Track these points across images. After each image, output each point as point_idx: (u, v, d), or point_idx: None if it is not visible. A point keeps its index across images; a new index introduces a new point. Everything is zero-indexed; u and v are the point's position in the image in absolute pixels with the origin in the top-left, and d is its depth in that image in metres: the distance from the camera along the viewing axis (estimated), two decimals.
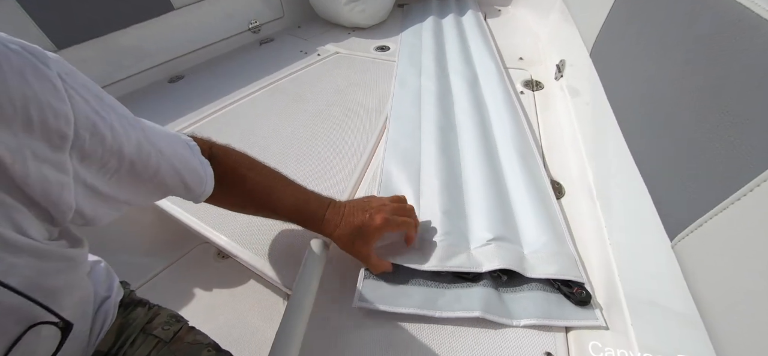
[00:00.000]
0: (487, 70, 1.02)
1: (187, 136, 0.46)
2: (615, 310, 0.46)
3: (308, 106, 0.98)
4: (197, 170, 0.43)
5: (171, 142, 0.40)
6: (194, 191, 0.43)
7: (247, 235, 0.63)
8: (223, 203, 0.51)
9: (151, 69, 1.18)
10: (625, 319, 0.43)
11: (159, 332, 0.49)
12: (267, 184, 0.50)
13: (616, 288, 0.47)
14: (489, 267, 0.51)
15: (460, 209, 0.63)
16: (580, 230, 0.58)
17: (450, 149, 0.77)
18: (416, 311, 0.48)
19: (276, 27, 1.49)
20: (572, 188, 0.66)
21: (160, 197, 0.42)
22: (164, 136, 0.39)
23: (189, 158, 0.42)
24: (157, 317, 0.51)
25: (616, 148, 0.50)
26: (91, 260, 0.49)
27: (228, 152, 0.50)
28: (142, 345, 0.47)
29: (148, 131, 0.36)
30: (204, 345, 0.50)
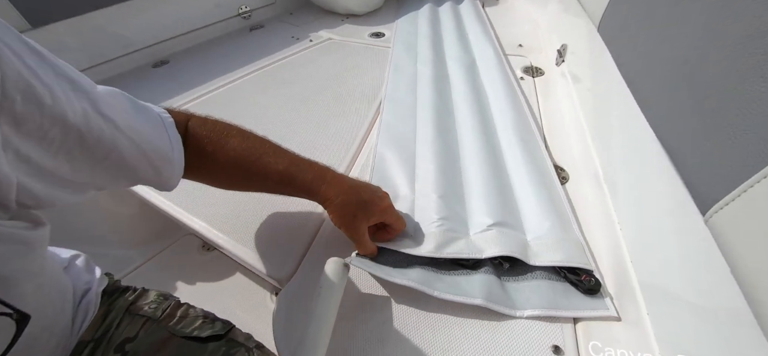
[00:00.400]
0: (485, 55, 0.99)
1: (161, 108, 0.42)
2: (627, 299, 0.42)
3: (298, 90, 0.94)
4: (164, 149, 0.39)
5: (134, 115, 0.36)
6: (162, 174, 0.39)
7: (234, 225, 0.58)
8: (205, 176, 0.47)
9: (134, 53, 1.12)
10: (640, 308, 0.40)
11: (146, 310, 0.47)
12: (254, 150, 0.45)
13: (629, 275, 0.43)
14: (490, 254, 0.48)
15: (458, 194, 0.59)
16: (586, 217, 0.54)
17: (447, 133, 0.73)
18: (412, 284, 0.44)
19: (267, 13, 1.44)
20: (576, 174, 0.62)
21: (129, 181, 0.37)
22: (125, 108, 0.35)
23: (155, 135, 0.38)
24: (143, 297, 0.49)
25: (629, 126, 0.46)
26: (69, 255, 0.47)
27: (206, 121, 0.45)
28: (129, 325, 0.45)
29: (101, 101, 0.31)
30: (199, 316, 0.48)
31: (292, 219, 0.59)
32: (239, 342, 0.47)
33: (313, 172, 0.46)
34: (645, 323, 0.39)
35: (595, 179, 0.58)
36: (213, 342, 0.46)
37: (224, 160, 0.44)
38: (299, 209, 0.60)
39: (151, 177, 0.39)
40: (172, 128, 0.41)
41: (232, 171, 0.46)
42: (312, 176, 0.46)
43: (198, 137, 0.44)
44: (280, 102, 0.89)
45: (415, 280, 0.45)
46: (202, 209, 0.61)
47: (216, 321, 0.49)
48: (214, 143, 0.44)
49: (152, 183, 0.40)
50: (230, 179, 0.48)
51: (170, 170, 0.40)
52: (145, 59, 1.14)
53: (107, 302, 0.46)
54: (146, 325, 0.45)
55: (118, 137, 0.32)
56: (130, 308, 0.47)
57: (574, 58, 0.85)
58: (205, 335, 0.46)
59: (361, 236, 0.46)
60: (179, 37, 1.21)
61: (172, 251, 0.99)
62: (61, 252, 0.47)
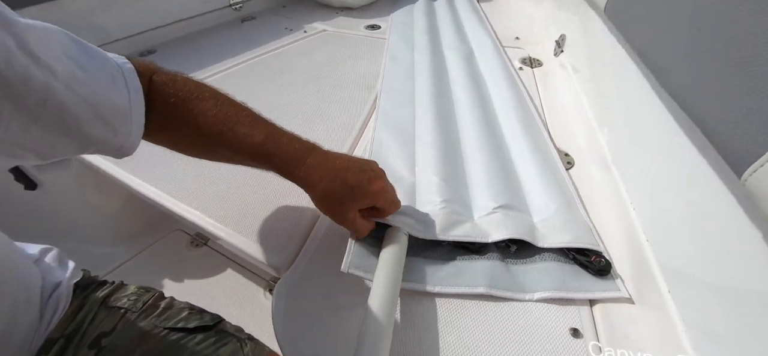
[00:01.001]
0: (483, 46, 0.98)
1: (121, 57, 0.35)
2: (645, 281, 0.40)
3: (293, 79, 0.91)
4: (118, 101, 0.32)
5: (78, 55, 0.29)
6: (117, 131, 0.32)
7: (227, 213, 0.55)
8: (168, 140, 0.40)
9: (120, 40, 1.07)
10: (661, 290, 0.38)
11: (124, 303, 0.43)
12: (227, 117, 0.38)
13: (646, 256, 0.41)
14: (497, 237, 0.46)
15: (461, 178, 0.57)
16: (594, 201, 0.53)
17: (447, 119, 0.71)
18: (414, 286, 0.42)
19: (259, 5, 1.41)
20: (581, 160, 0.61)
21: (76, 142, 0.30)
22: (65, 46, 0.28)
23: (107, 83, 0.31)
24: (121, 290, 0.46)
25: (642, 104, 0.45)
26: (40, 248, 0.43)
27: (175, 78, 0.38)
28: (105, 319, 0.41)
29: (29, 36, 0.25)
30: (185, 308, 0.45)
31: (291, 203, 0.56)
32: (230, 334, 0.44)
33: (294, 150, 0.40)
34: (667, 304, 0.37)
35: (602, 164, 0.57)
36: (201, 332, 0.42)
37: (193, 124, 0.37)
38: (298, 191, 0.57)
39: (103, 135, 0.31)
40: (133, 77, 0.34)
41: (200, 138, 0.39)
42: (291, 155, 0.39)
43: (163, 95, 0.36)
44: (275, 90, 0.86)
45: (417, 279, 0.43)
46: (193, 198, 0.58)
47: (204, 313, 0.46)
48: (182, 103, 0.37)
49: (106, 144, 0.32)
50: (196, 146, 0.41)
51: (128, 127, 0.33)
52: (131, 48, 1.09)
53: (81, 296, 0.43)
54: (125, 318, 0.42)
55: (52, 81, 0.26)
56: (105, 301, 0.43)
57: (574, 47, 0.84)
58: (191, 326, 0.43)
59: (350, 223, 0.41)
60: (167, 27, 1.16)
61: (159, 247, 0.94)
62: (29, 247, 0.43)
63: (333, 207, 0.40)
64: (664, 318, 0.37)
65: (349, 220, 0.40)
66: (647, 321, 0.38)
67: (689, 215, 0.38)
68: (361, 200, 0.40)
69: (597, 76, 0.69)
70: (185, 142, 0.41)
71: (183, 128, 0.38)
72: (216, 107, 0.38)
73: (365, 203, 0.40)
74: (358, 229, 0.42)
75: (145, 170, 0.63)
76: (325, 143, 0.69)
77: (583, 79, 0.75)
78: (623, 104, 0.55)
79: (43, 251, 0.43)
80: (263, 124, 0.41)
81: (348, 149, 0.67)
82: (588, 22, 0.73)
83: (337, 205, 0.40)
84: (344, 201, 0.39)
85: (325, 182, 0.39)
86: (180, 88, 0.38)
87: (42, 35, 0.26)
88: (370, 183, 0.40)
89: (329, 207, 0.41)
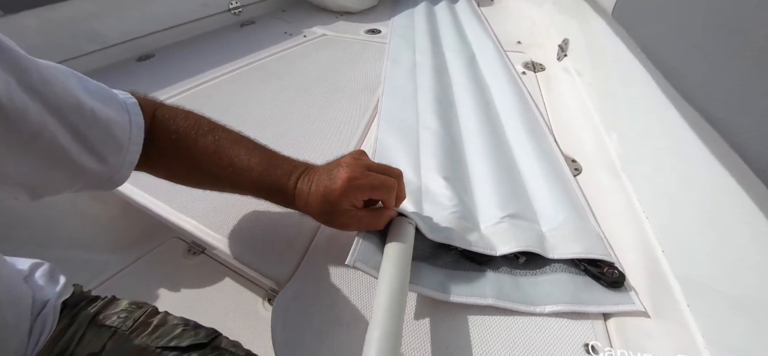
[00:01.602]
0: (485, 49, 0.97)
1: (125, 92, 0.37)
2: (661, 293, 0.39)
3: (292, 83, 0.89)
4: (118, 135, 0.33)
5: (77, 91, 0.30)
6: (107, 161, 0.33)
7: (226, 222, 0.53)
8: (171, 174, 0.42)
9: (118, 45, 1.05)
10: (678, 303, 0.36)
11: (114, 321, 0.41)
12: (226, 152, 0.39)
13: (661, 268, 0.40)
14: (505, 251, 0.44)
15: (465, 185, 0.56)
16: (603, 209, 0.51)
17: (450, 123, 0.69)
18: (424, 291, 0.40)
19: (258, 10, 1.40)
20: (589, 166, 0.59)
21: (66, 173, 0.30)
22: (67, 84, 0.29)
23: (107, 119, 0.32)
24: (112, 306, 0.44)
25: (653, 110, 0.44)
26: (31, 263, 0.42)
27: (177, 114, 0.40)
28: (94, 339, 0.39)
29: (33, 72, 0.26)
30: (179, 324, 0.43)
31: (292, 210, 0.54)
32: (226, 350, 0.42)
33: (287, 173, 0.39)
34: (686, 318, 0.35)
35: (610, 170, 0.55)
36: (195, 351, 0.41)
37: (192, 160, 0.39)
38: None
39: (95, 169, 0.32)
40: (136, 112, 0.36)
41: (200, 173, 0.40)
42: (284, 177, 0.39)
43: (166, 131, 0.38)
44: (275, 94, 0.85)
45: (429, 285, 0.41)
46: (190, 206, 0.56)
47: (199, 328, 0.44)
48: (183, 139, 0.38)
49: (94, 175, 0.33)
50: (195, 179, 0.42)
51: (120, 158, 0.34)
52: (129, 53, 1.08)
53: (69, 314, 0.41)
54: (114, 338, 0.40)
55: (48, 117, 0.27)
56: (94, 319, 0.41)
57: (578, 51, 0.83)
58: (185, 344, 0.40)
59: (353, 225, 0.39)
60: (166, 31, 1.15)
61: (155, 255, 0.92)
62: (20, 262, 0.41)
63: (331, 222, 0.39)
64: (683, 332, 0.35)
65: (347, 224, 0.38)
66: (665, 335, 0.36)
67: (708, 224, 0.36)
68: (339, 203, 0.36)
69: (604, 81, 0.67)
70: (185, 175, 0.42)
71: (183, 163, 0.39)
72: (215, 143, 0.39)
73: (346, 203, 0.37)
74: (365, 226, 0.39)
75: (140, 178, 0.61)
76: (326, 148, 0.68)
77: (589, 84, 0.74)
78: (633, 109, 0.53)
79: (34, 267, 0.41)
80: (260, 155, 0.40)
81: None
82: (592, 26, 0.72)
83: (330, 219, 0.38)
84: (330, 212, 0.37)
85: (310, 205, 0.38)
86: (181, 124, 0.39)
87: (45, 73, 0.27)
88: (336, 181, 0.36)
89: (330, 223, 0.39)
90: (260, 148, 0.42)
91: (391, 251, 0.37)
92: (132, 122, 0.35)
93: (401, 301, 0.32)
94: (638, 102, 0.51)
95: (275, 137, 0.69)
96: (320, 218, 0.39)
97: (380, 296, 0.31)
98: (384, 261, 0.36)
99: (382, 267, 0.35)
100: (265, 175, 0.39)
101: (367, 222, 0.39)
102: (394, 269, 0.34)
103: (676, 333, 0.36)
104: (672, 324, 0.36)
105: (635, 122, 0.53)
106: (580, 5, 0.81)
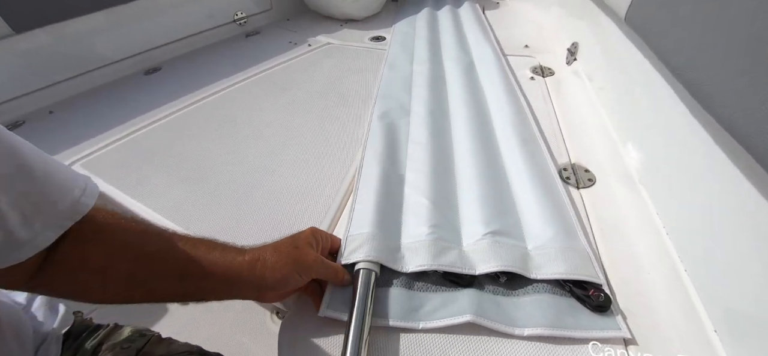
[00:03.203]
0: (484, 56, 0.95)
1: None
2: (683, 315, 0.37)
3: (297, 94, 0.89)
4: (52, 196, 0.28)
5: (26, 155, 0.27)
6: (33, 226, 0.27)
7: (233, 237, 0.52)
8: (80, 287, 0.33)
9: (125, 60, 1.07)
10: (704, 326, 0.34)
11: (117, 352, 0.41)
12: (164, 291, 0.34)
13: (684, 287, 0.38)
14: (484, 270, 0.42)
15: (451, 200, 0.54)
16: (620, 223, 0.49)
17: (441, 135, 0.68)
18: (394, 324, 0.39)
19: (263, 20, 1.40)
20: (604, 176, 0.57)
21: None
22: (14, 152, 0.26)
23: (53, 178, 0.28)
24: (114, 335, 0.43)
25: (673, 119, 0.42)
26: (25, 295, 0.41)
27: (130, 227, 0.33)
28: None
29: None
30: (184, 352, 0.42)
31: (297, 218, 0.54)
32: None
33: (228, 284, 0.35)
34: (713, 343, 0.33)
35: (627, 181, 0.53)
36: None
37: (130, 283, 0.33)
38: (306, 214, 0.54)
39: (12, 226, 0.26)
40: (92, 191, 0.31)
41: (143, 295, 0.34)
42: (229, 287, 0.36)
43: (109, 233, 0.32)
44: (280, 106, 0.84)
45: (398, 316, 0.39)
46: (194, 221, 0.55)
47: (205, 353, 0.43)
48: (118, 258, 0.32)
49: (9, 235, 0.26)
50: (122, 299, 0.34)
51: (45, 225, 0.28)
52: (137, 67, 1.09)
53: (73, 346, 0.40)
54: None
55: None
56: (96, 351, 0.40)
57: (588, 55, 0.81)
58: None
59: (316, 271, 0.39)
60: (172, 44, 1.16)
61: None
62: (17, 295, 0.40)
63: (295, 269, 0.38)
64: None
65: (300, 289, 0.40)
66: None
67: (734, 241, 0.34)
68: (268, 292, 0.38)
69: (617, 87, 0.65)
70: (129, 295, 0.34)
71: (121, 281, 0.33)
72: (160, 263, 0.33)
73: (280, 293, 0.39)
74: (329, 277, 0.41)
75: (140, 194, 0.61)
76: (331, 161, 0.68)
77: (601, 88, 0.72)
78: (652, 118, 0.51)
79: (30, 298, 0.41)
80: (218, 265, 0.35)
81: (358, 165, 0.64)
82: (604, 30, 0.70)
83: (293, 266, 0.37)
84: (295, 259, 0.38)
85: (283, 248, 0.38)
86: (120, 235, 0.33)
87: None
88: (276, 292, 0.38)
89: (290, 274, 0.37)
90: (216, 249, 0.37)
91: (356, 295, 0.39)
92: (86, 193, 0.31)
93: (364, 337, 0.36)
94: (658, 111, 0.49)
95: (278, 150, 0.69)
96: (284, 268, 0.36)
97: (347, 336, 0.36)
98: (351, 306, 0.38)
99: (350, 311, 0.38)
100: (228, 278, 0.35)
101: (311, 293, 0.41)
102: (356, 313, 0.37)
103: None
104: (699, 347, 0.34)
105: (654, 132, 0.50)
106: (590, 8, 0.79)
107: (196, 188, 0.62)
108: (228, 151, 0.70)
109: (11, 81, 0.89)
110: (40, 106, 0.93)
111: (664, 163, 0.48)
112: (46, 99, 0.94)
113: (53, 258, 0.29)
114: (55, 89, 0.96)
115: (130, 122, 0.81)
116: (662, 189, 0.47)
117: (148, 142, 0.75)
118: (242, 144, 0.71)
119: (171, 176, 0.64)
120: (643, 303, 0.39)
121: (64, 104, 0.94)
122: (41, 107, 0.92)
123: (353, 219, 0.49)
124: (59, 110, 0.92)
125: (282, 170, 0.64)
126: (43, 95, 0.94)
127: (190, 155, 0.70)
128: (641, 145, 0.54)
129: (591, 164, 0.60)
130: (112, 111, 0.87)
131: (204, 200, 0.59)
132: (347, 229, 0.48)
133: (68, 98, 0.97)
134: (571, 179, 0.58)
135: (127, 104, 0.90)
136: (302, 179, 0.62)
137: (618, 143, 0.58)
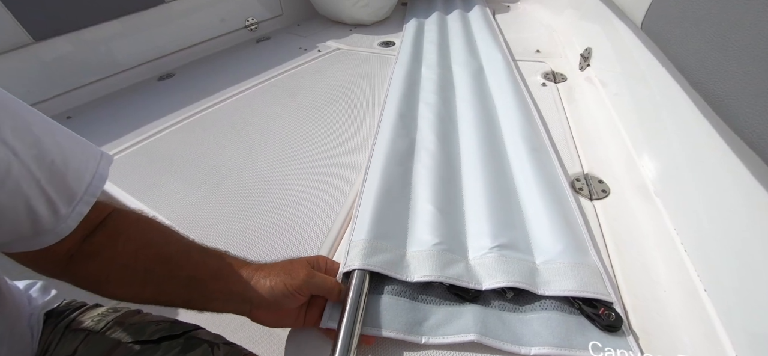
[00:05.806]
0: (493, 61, 0.93)
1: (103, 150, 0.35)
2: (702, 336, 0.35)
3: (307, 100, 0.89)
4: (80, 176, 0.31)
5: (52, 139, 0.30)
6: (59, 212, 0.30)
7: (238, 242, 0.53)
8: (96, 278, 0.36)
9: (139, 66, 1.09)
10: (725, 349, 0.33)
11: (88, 324, 0.42)
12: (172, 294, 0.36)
13: (704, 307, 0.36)
14: (490, 286, 0.41)
15: (458, 212, 0.53)
16: (633, 237, 0.48)
17: (449, 143, 0.67)
18: (396, 335, 0.38)
19: (274, 25, 1.42)
20: (618, 187, 0.56)
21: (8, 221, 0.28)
22: (38, 135, 0.28)
23: (75, 156, 0.31)
24: (90, 311, 0.44)
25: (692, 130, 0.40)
26: (26, 283, 0.44)
27: (139, 221, 0.37)
28: (67, 343, 0.40)
29: (3, 120, 0.26)
30: (153, 322, 0.42)
31: (306, 225, 0.54)
32: (202, 340, 0.41)
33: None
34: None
35: (642, 194, 0.52)
36: (165, 341, 0.40)
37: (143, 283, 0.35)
38: (314, 222, 0.54)
39: (41, 214, 0.29)
40: (105, 165, 0.34)
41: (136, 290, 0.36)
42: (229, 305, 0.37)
43: (119, 245, 0.34)
44: (289, 112, 0.85)
45: (400, 328, 0.38)
46: (202, 226, 0.56)
47: (176, 323, 0.43)
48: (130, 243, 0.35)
49: (37, 224, 0.29)
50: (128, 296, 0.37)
51: (68, 210, 0.31)
52: (150, 73, 1.11)
53: (53, 324, 0.42)
54: (86, 340, 0.40)
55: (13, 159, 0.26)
56: (71, 325, 0.42)
57: (602, 61, 0.79)
58: (157, 338, 0.40)
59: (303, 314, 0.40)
60: (184, 51, 1.18)
61: None
62: (21, 283, 0.43)
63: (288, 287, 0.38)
64: None
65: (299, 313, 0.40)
66: None
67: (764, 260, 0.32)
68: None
69: (633, 95, 0.63)
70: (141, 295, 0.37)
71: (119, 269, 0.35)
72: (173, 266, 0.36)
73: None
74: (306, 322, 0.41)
75: (138, 191, 0.62)
76: (340, 168, 0.68)
77: (615, 94, 0.70)
78: (669, 128, 0.50)
79: (29, 286, 0.44)
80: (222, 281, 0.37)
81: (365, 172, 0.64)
82: (619, 36, 0.68)
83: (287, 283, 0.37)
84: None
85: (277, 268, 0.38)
86: (138, 236, 0.36)
87: (19, 123, 0.27)
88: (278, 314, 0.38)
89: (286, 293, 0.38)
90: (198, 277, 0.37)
91: (346, 301, 0.39)
92: (100, 170, 0.33)
93: (352, 344, 0.35)
94: (676, 122, 0.47)
95: (287, 157, 0.69)
96: (275, 279, 0.37)
97: (336, 343, 0.35)
98: (341, 311, 0.38)
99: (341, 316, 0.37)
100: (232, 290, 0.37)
101: (309, 317, 0.40)
102: (347, 318, 0.37)
103: None
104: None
105: (672, 143, 0.49)
106: (604, 13, 0.77)
107: (206, 193, 0.62)
108: (238, 157, 0.71)
109: (31, 87, 0.92)
110: (58, 111, 0.95)
111: (683, 176, 0.46)
112: (65, 105, 0.97)
113: (85, 249, 0.33)
114: (73, 94, 0.99)
115: (143, 127, 0.83)
116: (680, 203, 0.45)
117: (160, 147, 0.76)
118: (252, 151, 0.72)
119: (182, 182, 0.65)
120: (659, 324, 0.37)
121: (82, 109, 0.97)
122: (59, 113, 0.95)
123: (356, 225, 0.49)
124: (77, 115, 0.95)
125: (291, 177, 0.64)
126: (62, 101, 0.97)
127: (201, 160, 0.71)
128: (658, 156, 0.52)
129: (605, 175, 0.58)
130: (127, 117, 0.89)
131: (212, 206, 0.60)
132: (350, 235, 0.47)
133: (85, 103, 0.99)
134: (584, 189, 0.56)
135: (141, 109, 0.92)
136: (311, 186, 0.62)
137: (633, 153, 0.56)
